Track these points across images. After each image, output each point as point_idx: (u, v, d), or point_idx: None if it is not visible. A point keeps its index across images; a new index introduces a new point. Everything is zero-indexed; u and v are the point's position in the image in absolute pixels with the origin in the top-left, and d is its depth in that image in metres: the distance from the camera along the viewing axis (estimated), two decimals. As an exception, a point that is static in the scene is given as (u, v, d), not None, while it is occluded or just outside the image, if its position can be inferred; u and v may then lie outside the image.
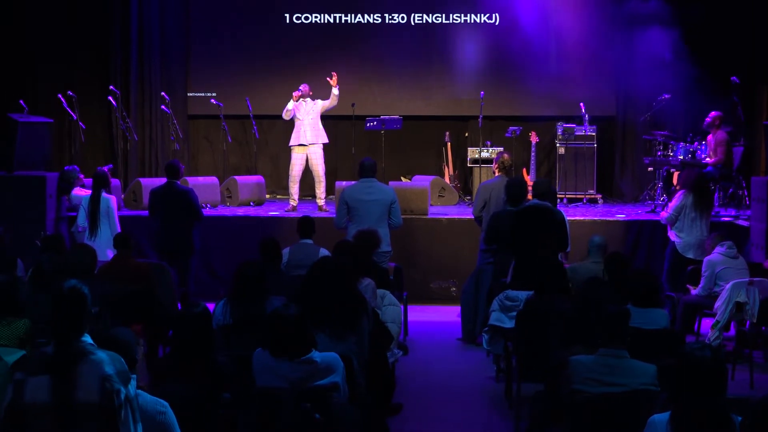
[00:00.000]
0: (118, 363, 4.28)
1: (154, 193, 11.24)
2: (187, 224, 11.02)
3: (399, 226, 10.59)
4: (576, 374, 5.48)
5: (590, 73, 16.26)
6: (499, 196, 10.53)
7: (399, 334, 7.89)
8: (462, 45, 16.69)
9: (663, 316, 7.16)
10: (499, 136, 16.14)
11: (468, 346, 10.36)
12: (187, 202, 11.01)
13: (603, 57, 16.08)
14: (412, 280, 12.30)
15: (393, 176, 15.45)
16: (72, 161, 14.82)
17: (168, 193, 11.06)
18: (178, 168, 11.18)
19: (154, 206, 11.18)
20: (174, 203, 10.99)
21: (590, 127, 15.61)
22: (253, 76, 16.79)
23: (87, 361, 4.20)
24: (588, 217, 13.23)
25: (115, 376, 4.22)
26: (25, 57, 16.56)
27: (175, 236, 10.97)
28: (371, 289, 7.44)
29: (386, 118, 15.25)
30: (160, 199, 11.10)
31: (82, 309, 4.31)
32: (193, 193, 11.13)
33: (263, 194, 15.38)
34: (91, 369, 4.19)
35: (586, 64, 16.21)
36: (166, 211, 11.02)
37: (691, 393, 4.23)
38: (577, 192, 15.46)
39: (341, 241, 8.24)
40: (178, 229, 10.98)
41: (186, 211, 10.99)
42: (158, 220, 11.15)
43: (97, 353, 4.25)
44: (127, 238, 9.25)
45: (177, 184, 11.12)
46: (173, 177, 11.11)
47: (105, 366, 4.21)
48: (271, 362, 5.31)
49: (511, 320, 7.87)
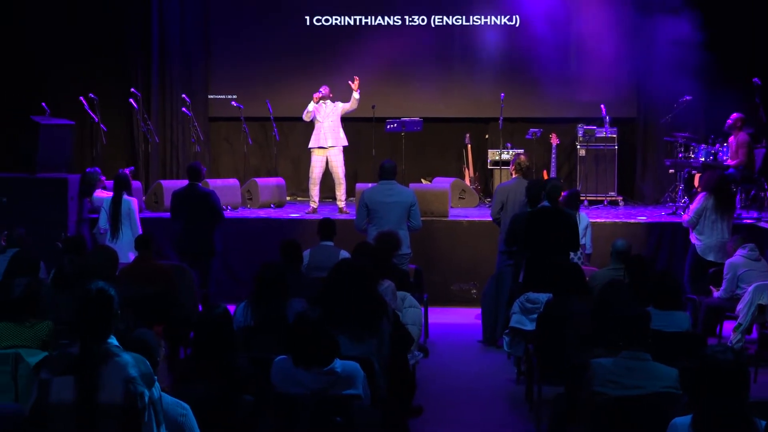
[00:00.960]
0: (142, 365, 4.30)
1: (176, 195, 11.27)
2: (209, 226, 11.05)
3: (419, 228, 10.59)
4: (597, 377, 5.47)
5: (611, 74, 16.20)
6: (516, 198, 10.52)
7: (419, 336, 7.88)
8: (482, 46, 16.66)
9: (685, 318, 7.14)
10: (520, 138, 16.11)
11: (488, 348, 10.35)
12: (209, 204, 11.03)
13: (624, 58, 16.03)
14: (433, 282, 12.29)
15: (413, 178, 15.43)
16: (93, 163, 14.89)
17: (190, 195, 11.08)
18: (199, 170, 11.21)
19: (176, 208, 11.20)
20: (196, 205, 11.01)
21: (611, 128, 15.56)
22: (273, 78, 16.82)
23: (112, 363, 4.22)
24: (609, 219, 13.19)
25: (139, 379, 4.23)
26: (47, 60, 16.64)
27: (197, 238, 10.99)
28: (391, 291, 7.44)
29: (407, 120, 15.25)
30: (182, 201, 11.12)
31: (109, 311, 4.33)
32: (214, 195, 11.16)
33: (284, 196, 15.41)
34: (116, 371, 4.21)
35: (606, 66, 16.14)
36: (188, 213, 11.04)
37: (713, 396, 4.21)
38: (598, 194, 15.42)
39: (361, 243, 8.25)
40: (200, 231, 11.00)
41: (208, 213, 11.01)
42: (180, 222, 11.17)
43: (122, 355, 4.27)
44: (148, 240, 9.29)
45: (199, 186, 11.15)
46: (195, 179, 11.14)
47: (129, 368, 4.22)
48: (292, 371, 5.31)
49: (532, 322, 7.87)
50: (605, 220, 13.03)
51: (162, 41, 16.78)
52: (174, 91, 16.74)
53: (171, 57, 16.80)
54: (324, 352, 5.32)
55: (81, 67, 16.66)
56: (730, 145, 13.65)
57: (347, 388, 5.31)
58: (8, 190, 12.07)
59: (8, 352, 6.32)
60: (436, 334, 10.89)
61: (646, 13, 15.85)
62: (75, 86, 16.07)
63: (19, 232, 9.88)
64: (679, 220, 12.28)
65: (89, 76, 16.53)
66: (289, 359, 5.34)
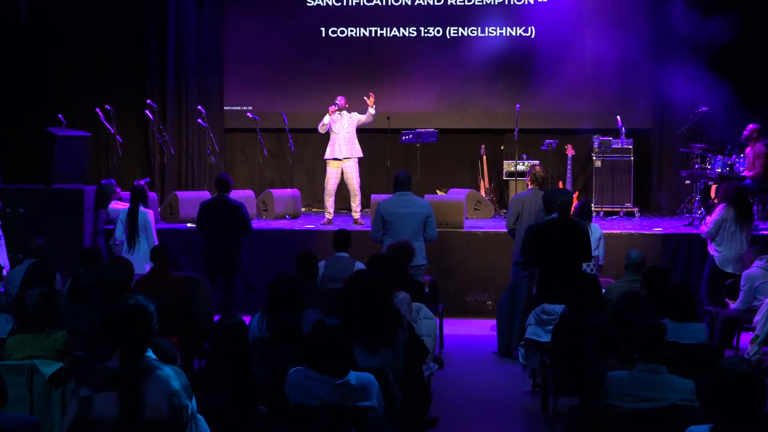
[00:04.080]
0: (183, 377, 4.29)
1: (205, 206, 11.22)
2: (237, 238, 11.04)
3: (434, 239, 10.57)
4: (612, 389, 5.45)
5: (627, 85, 16.19)
6: (531, 209, 10.50)
7: (434, 348, 7.87)
8: (497, 58, 16.64)
9: (701, 330, 7.11)
10: (535, 149, 16.10)
11: (504, 359, 10.33)
12: (239, 215, 11.00)
13: (639, 70, 16.00)
14: (448, 293, 12.29)
15: (428, 189, 15.44)
16: (109, 175, 14.94)
17: (219, 207, 11.06)
18: (228, 182, 11.22)
19: (204, 219, 11.16)
20: (225, 216, 10.99)
21: (627, 140, 15.53)
22: (288, 90, 16.85)
23: (154, 376, 4.20)
24: (625, 230, 13.15)
25: (182, 391, 4.22)
26: (63, 71, 16.73)
27: (225, 250, 10.98)
28: (406, 302, 7.43)
29: (422, 131, 15.26)
30: (211, 212, 11.09)
31: (149, 326, 4.32)
32: (244, 207, 11.13)
33: (299, 207, 15.42)
34: (159, 384, 4.19)
35: (622, 77, 16.13)
36: (217, 225, 11.01)
37: (730, 408, 4.19)
38: (613, 205, 15.38)
39: (376, 255, 8.24)
40: (228, 243, 10.99)
41: (237, 225, 11.00)
42: (207, 234, 11.13)
43: (163, 368, 4.25)
44: (164, 251, 9.30)
45: (228, 198, 11.13)
46: (225, 190, 11.13)
47: (172, 381, 4.21)
48: (307, 382, 5.30)
49: (548, 334, 7.86)
50: (621, 231, 12.99)
51: (178, 52, 16.84)
52: (190, 102, 16.79)
53: (187, 68, 16.85)
54: (340, 363, 5.31)
55: (97, 79, 16.74)
56: (747, 156, 13.61)
57: (362, 399, 5.30)
58: (24, 201, 12.12)
59: (24, 363, 6.34)
60: (451, 345, 10.87)
61: (662, 24, 15.85)
62: (91, 98, 16.12)
63: (37, 242, 9.92)
64: (695, 231, 12.24)
65: (105, 88, 16.61)
66: (304, 371, 5.33)
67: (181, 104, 16.92)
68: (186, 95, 16.88)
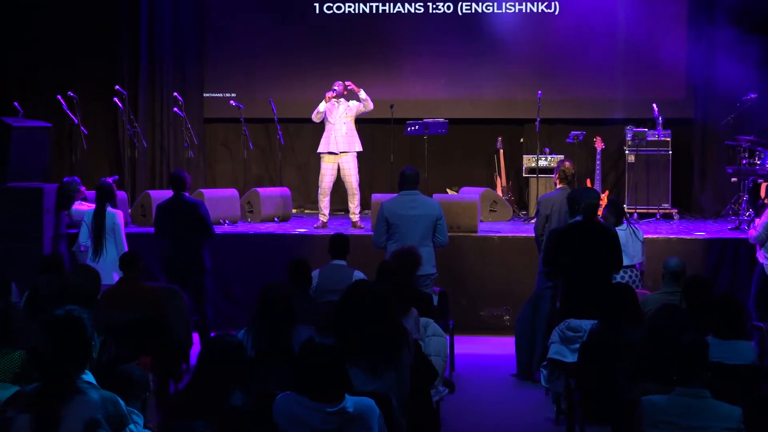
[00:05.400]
0: (112, 406, 4.26)
1: (161, 208, 11.29)
2: (198, 242, 11.05)
3: (445, 244, 10.58)
4: (648, 416, 5.45)
5: (664, 69, 16.17)
6: (561, 211, 10.50)
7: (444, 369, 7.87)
8: (516, 38, 16.64)
9: (749, 348, 7.11)
10: (559, 141, 16.11)
11: (524, 383, 10.33)
12: (197, 216, 11.02)
13: (678, 51, 16.00)
14: (460, 306, 12.29)
15: (438, 188, 15.45)
16: (72, 171, 14.96)
17: (175, 208, 11.09)
18: (184, 179, 11.23)
19: (161, 222, 11.21)
20: (182, 218, 11.01)
21: (664, 131, 15.54)
22: (278, 74, 16.88)
23: (77, 400, 4.19)
24: (662, 234, 13.17)
25: (103, 422, 4.19)
26: (20, 52, 16.72)
27: (184, 255, 10.99)
28: (413, 317, 7.43)
29: (430, 122, 15.26)
30: (168, 214, 11.14)
31: (80, 341, 4.28)
32: (203, 207, 11.15)
33: (289, 209, 15.44)
34: (78, 411, 4.17)
35: (658, 59, 16.11)
36: (175, 228, 11.04)
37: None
38: (649, 206, 15.38)
39: (385, 263, 8.21)
40: (187, 247, 11.00)
41: (195, 227, 11.00)
42: (166, 238, 11.18)
43: (89, 393, 4.23)
44: (135, 258, 9.31)
45: (185, 197, 11.16)
46: (180, 189, 11.16)
47: (95, 409, 4.19)
48: (297, 409, 5.29)
49: (574, 353, 7.85)
50: (657, 235, 13.00)
51: (151, 32, 16.84)
52: (165, 88, 16.80)
53: (162, 50, 16.86)
54: (334, 387, 5.31)
55: (59, 62, 16.74)
56: (803, 149, 13.63)
57: (361, 428, 5.29)
58: (-25, 201, 12.12)
59: (-25, 387, 6.34)
60: (464, 366, 10.88)
61: None
62: (52, 83, 16.14)
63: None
64: (744, 235, 12.24)
65: (68, 72, 16.62)
66: (294, 396, 5.33)
67: (154, 91, 16.94)
68: (160, 80, 16.90)
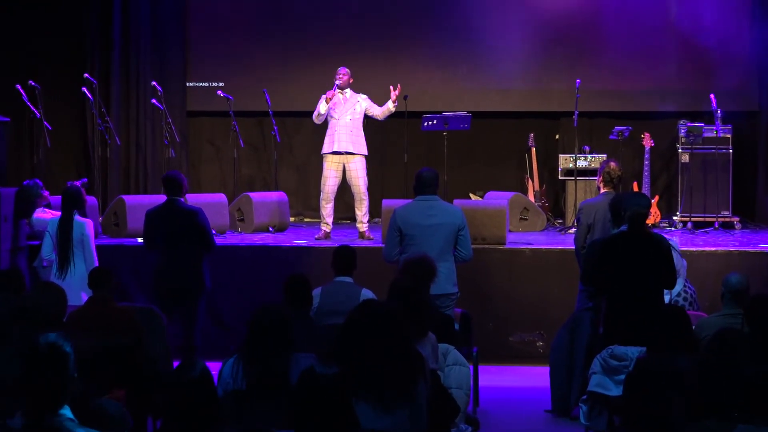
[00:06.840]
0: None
1: (151, 215, 11.21)
2: (196, 255, 11.00)
3: (469, 259, 10.55)
4: (707, 459, 5.44)
5: (723, 54, 16.17)
6: (605, 220, 10.47)
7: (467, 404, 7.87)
8: (552, 18, 16.66)
9: (824, 380, 7.09)
10: (601, 138, 16.12)
11: (560, 420, 10.32)
12: (196, 224, 10.98)
13: (741, 33, 16.01)
14: (485, 331, 12.28)
15: (459, 193, 15.46)
16: (34, 174, 14.97)
17: (169, 215, 11.05)
18: (179, 181, 11.18)
19: (152, 233, 11.15)
20: (177, 227, 10.97)
21: (724, 126, 15.52)
22: (272, 62, 16.90)
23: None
24: (722, 247, 13.13)
25: None
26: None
27: (180, 271, 10.94)
28: (431, 343, 7.42)
29: (450, 115, 15.26)
30: (160, 223, 11.08)
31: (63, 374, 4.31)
32: (202, 215, 11.08)
33: (286, 217, 15.44)
34: None
35: (717, 44, 16.12)
36: (168, 239, 11.00)
37: None
38: (706, 214, 15.36)
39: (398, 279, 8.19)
40: (184, 262, 10.95)
41: (194, 238, 10.97)
42: (158, 251, 11.14)
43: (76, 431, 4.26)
44: (106, 274, 9.30)
45: (180, 203, 11.12)
46: (175, 193, 11.12)
47: None
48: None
49: (619, 386, 7.84)
50: (716, 248, 12.96)
51: (126, 11, 16.87)
52: (141, 76, 16.85)
53: (138, 32, 16.90)
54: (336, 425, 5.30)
55: (18, 46, 16.78)
56: None
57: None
58: None
59: None
60: (490, 400, 10.87)
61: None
62: (10, 70, 16.18)
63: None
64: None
65: (29, 58, 16.65)
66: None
67: (129, 79, 16.98)
68: (136, 68, 16.95)
